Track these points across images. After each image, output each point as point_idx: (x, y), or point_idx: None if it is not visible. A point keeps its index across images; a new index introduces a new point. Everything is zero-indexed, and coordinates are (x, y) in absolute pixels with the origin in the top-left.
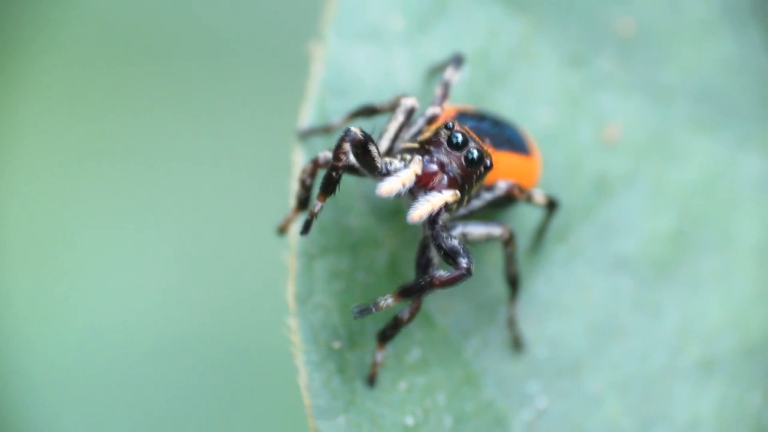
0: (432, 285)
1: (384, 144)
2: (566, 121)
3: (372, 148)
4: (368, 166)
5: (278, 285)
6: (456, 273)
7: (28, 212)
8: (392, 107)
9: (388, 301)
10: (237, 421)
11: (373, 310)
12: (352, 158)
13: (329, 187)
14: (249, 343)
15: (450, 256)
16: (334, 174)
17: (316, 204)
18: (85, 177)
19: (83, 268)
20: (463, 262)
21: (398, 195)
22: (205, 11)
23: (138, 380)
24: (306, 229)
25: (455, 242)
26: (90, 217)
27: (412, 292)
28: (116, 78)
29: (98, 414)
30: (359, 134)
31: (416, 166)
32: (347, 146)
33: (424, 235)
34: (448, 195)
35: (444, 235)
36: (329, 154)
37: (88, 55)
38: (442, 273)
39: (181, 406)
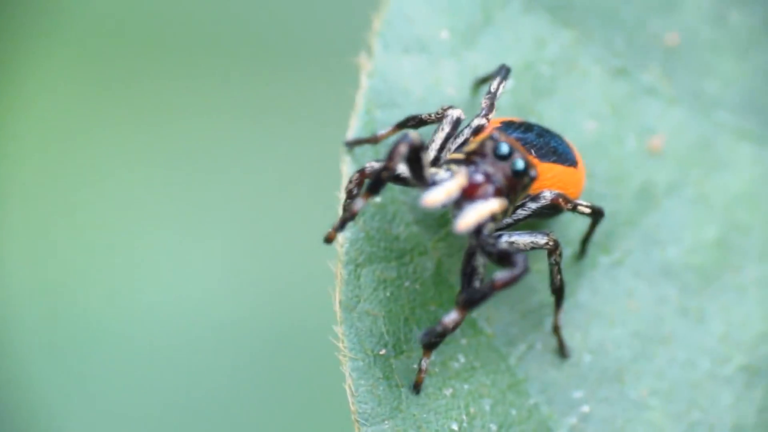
0: (493, 288)
1: (430, 154)
2: (611, 131)
3: (423, 155)
4: (416, 174)
5: (326, 293)
6: (515, 272)
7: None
8: (438, 118)
9: (452, 317)
10: (283, 428)
11: (439, 329)
12: (402, 165)
13: (376, 186)
14: (296, 350)
15: (503, 258)
16: (384, 174)
17: (357, 202)
18: (141, 180)
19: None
20: (519, 259)
21: (443, 206)
22: (255, 19)
23: (179, 369)
24: (342, 226)
25: (505, 245)
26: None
27: (475, 302)
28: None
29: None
30: (417, 139)
31: (462, 177)
32: (404, 148)
33: (470, 245)
34: (495, 204)
35: (491, 241)
36: (376, 165)
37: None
38: (501, 274)
39: (226, 411)
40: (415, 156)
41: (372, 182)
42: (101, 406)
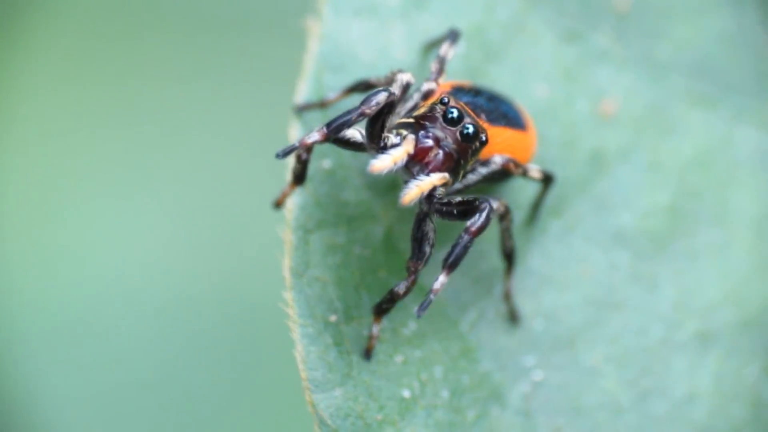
0: (471, 235)
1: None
2: (562, 96)
3: (390, 117)
4: (373, 134)
5: (274, 259)
6: (483, 213)
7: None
8: (388, 82)
9: (441, 280)
10: (233, 394)
11: (432, 297)
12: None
13: (340, 127)
14: (245, 317)
15: (466, 208)
16: (354, 116)
17: (312, 135)
18: (81, 145)
19: (81, 237)
20: (483, 202)
21: (390, 172)
22: None
23: (132, 352)
24: (286, 153)
25: (459, 198)
26: (87, 186)
27: (459, 257)
28: (112, 48)
29: (92, 382)
30: (396, 96)
31: (408, 145)
32: (383, 99)
33: (421, 210)
34: (436, 178)
35: (446, 201)
36: (317, 136)
37: (83, 24)
38: (472, 221)
39: (176, 379)
40: (385, 111)
41: (339, 122)
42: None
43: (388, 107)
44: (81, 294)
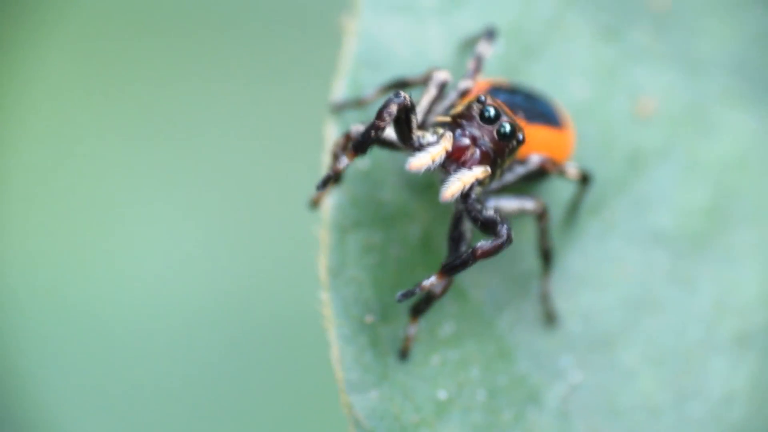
0: (474, 257)
1: (417, 117)
2: (600, 94)
3: (413, 117)
4: (403, 136)
5: (311, 259)
6: (497, 241)
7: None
8: (425, 81)
9: (431, 280)
10: (267, 396)
11: (418, 291)
12: (389, 126)
13: (363, 145)
14: (281, 318)
15: (488, 226)
16: (373, 133)
17: (342, 160)
18: (114, 150)
19: (114, 241)
20: (503, 229)
21: (428, 170)
22: None
23: (165, 355)
24: (325, 184)
25: (491, 212)
26: (121, 190)
27: (456, 268)
28: (142, 47)
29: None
30: (408, 99)
31: (447, 142)
32: (395, 107)
33: (457, 210)
34: (479, 172)
35: (478, 207)
36: (361, 128)
37: (110, 24)
38: (482, 243)
39: (211, 381)
40: (405, 116)
41: (359, 141)
42: (93, 397)
43: (406, 110)
44: (108, 298)
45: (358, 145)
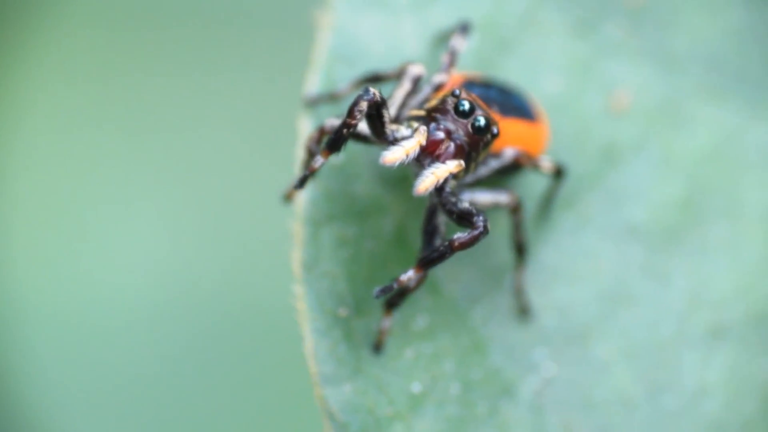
0: (452, 249)
1: (391, 111)
2: (575, 88)
3: (385, 112)
4: (376, 131)
5: (284, 253)
6: (474, 232)
7: (31, 184)
8: (399, 75)
9: (409, 274)
10: (242, 390)
11: (395, 286)
12: (362, 121)
13: (337, 143)
14: (256, 312)
15: (464, 218)
16: (345, 131)
17: (317, 159)
18: (86, 144)
19: (88, 233)
20: (479, 220)
21: (402, 164)
22: None
23: (141, 349)
24: (302, 183)
25: (466, 204)
26: (92, 183)
27: (433, 261)
28: (116, 44)
29: (99, 380)
30: (378, 95)
31: (421, 136)
32: (365, 105)
33: (432, 203)
34: (453, 165)
35: (453, 200)
36: (336, 122)
37: (88, 21)
38: (459, 235)
39: (185, 375)
40: (376, 112)
41: (333, 139)
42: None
43: (377, 106)
44: (85, 293)
45: (332, 143)
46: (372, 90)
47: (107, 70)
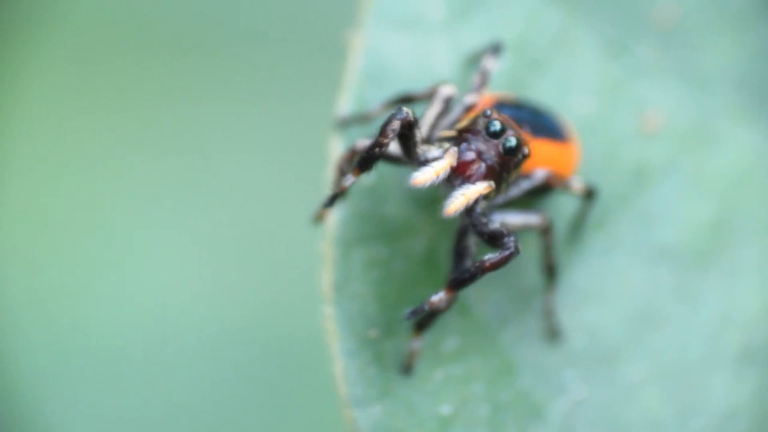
0: (483, 270)
1: (422, 132)
2: (606, 109)
3: (417, 132)
4: (408, 151)
5: (314, 275)
6: (505, 253)
7: (54, 205)
8: (430, 95)
9: (440, 296)
10: (270, 412)
11: (426, 308)
12: (393, 142)
13: (368, 162)
14: (284, 333)
15: (494, 239)
16: (377, 150)
17: (348, 178)
18: (115, 168)
19: (116, 259)
20: (510, 241)
21: (433, 185)
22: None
23: (170, 371)
24: (332, 202)
25: (497, 225)
26: (122, 209)
27: (464, 282)
28: (140, 66)
29: (125, 407)
30: (411, 115)
31: (451, 157)
32: (397, 124)
33: (462, 224)
34: (482, 187)
35: (484, 221)
36: (366, 142)
37: (113, 41)
38: (490, 256)
39: (212, 396)
40: (408, 132)
41: (363, 158)
42: (88, 410)
43: (409, 126)
44: (111, 315)
45: (363, 162)
46: (405, 110)
47: (129, 93)
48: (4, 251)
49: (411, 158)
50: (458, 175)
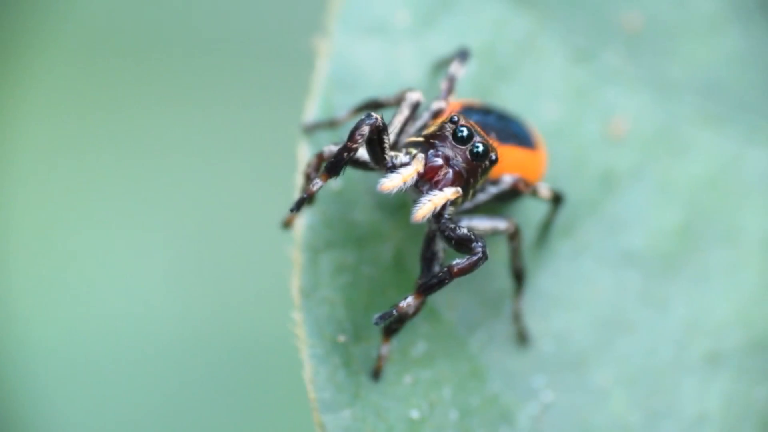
0: (451, 275)
1: (390, 138)
2: (573, 115)
3: (386, 137)
4: (376, 157)
5: (283, 280)
6: (473, 258)
7: (30, 208)
8: (397, 101)
9: (408, 301)
10: (242, 417)
11: (395, 313)
12: (362, 147)
13: (336, 167)
14: (253, 339)
15: (462, 244)
16: (345, 154)
17: (315, 182)
18: (86, 172)
19: (85, 264)
20: (478, 246)
21: (400, 191)
22: (208, 5)
23: (140, 375)
24: (299, 206)
25: (464, 230)
26: (91, 212)
27: (433, 287)
28: (116, 73)
29: (100, 410)
30: (380, 120)
31: (419, 163)
32: (367, 129)
33: (430, 229)
34: (450, 193)
35: (451, 226)
36: (334, 148)
37: (88, 49)
38: (458, 261)
39: (185, 401)
40: (377, 137)
41: (332, 162)
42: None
43: (378, 131)
44: (86, 324)
45: (331, 166)
46: (374, 115)
47: (104, 97)
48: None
49: (379, 164)
50: (426, 180)
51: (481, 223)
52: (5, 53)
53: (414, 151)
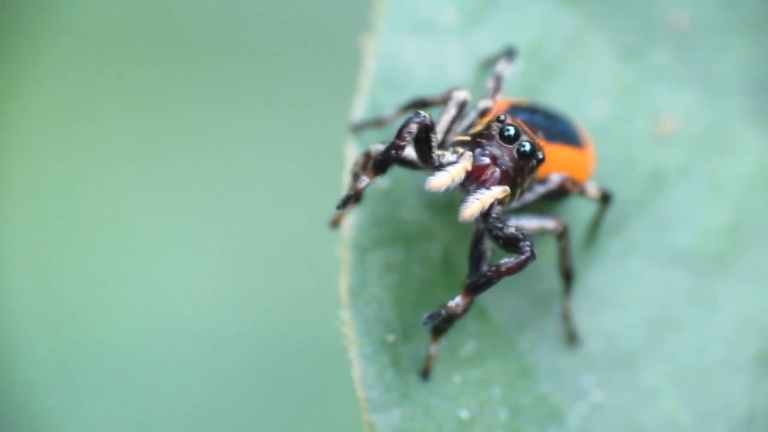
0: (499, 274)
1: (437, 137)
2: (620, 113)
3: (433, 136)
4: (423, 156)
5: (331, 279)
6: (521, 258)
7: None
8: (444, 100)
9: (456, 300)
10: (290, 416)
11: (443, 312)
12: (409, 145)
13: (384, 164)
14: (302, 338)
15: (510, 243)
16: (393, 152)
17: (362, 180)
18: (137, 171)
19: (138, 262)
20: (526, 246)
21: (448, 189)
22: (257, 5)
23: (189, 376)
24: (345, 204)
25: (512, 230)
26: (140, 211)
27: (481, 287)
28: (164, 73)
29: (140, 409)
30: (428, 119)
31: (466, 161)
32: (415, 127)
33: (478, 229)
34: (498, 191)
35: (499, 225)
36: (381, 147)
37: (130, 45)
38: (507, 260)
39: (233, 401)
40: (424, 135)
41: (379, 160)
42: (101, 415)
43: (426, 130)
44: (130, 326)
45: (379, 164)
46: (422, 113)
47: (150, 98)
48: (13, 255)
49: (426, 163)
50: (473, 179)
51: (529, 223)
52: (8, 52)
53: (461, 150)
